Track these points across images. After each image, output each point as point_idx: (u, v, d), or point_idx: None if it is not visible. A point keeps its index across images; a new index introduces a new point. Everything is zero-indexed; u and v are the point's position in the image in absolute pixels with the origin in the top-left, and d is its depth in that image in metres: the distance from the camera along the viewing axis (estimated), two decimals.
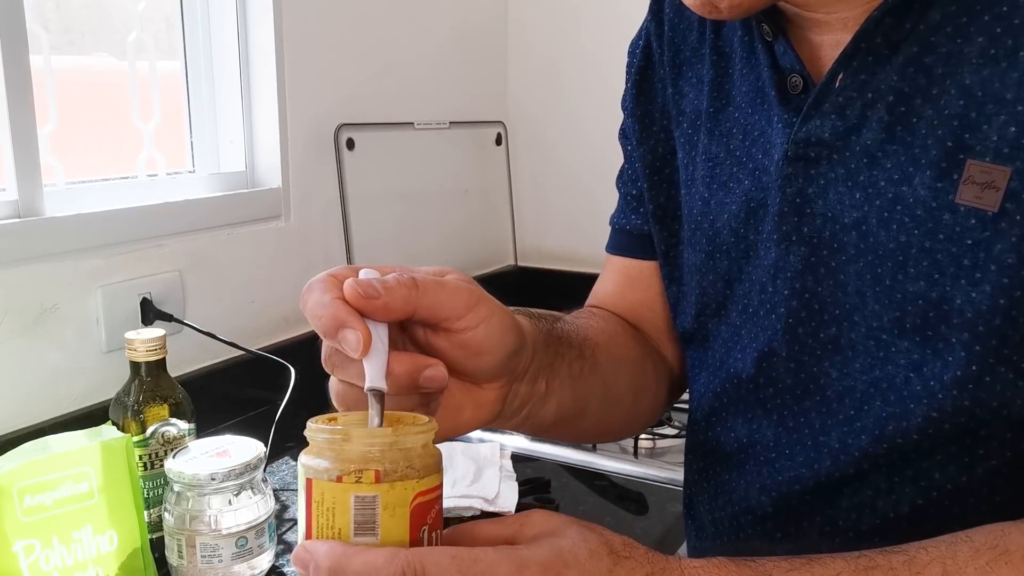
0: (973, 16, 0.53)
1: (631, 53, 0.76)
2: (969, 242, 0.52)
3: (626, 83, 0.76)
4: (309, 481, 0.44)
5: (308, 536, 0.44)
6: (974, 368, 0.53)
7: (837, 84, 0.58)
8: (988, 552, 0.48)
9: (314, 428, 0.45)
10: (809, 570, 0.48)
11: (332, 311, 0.46)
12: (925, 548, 0.49)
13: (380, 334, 0.47)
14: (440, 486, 0.45)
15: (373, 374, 0.47)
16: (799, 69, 0.60)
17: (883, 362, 0.57)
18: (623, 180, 0.79)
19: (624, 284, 0.79)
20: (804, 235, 0.60)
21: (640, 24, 0.76)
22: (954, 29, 0.54)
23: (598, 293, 0.81)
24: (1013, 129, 0.51)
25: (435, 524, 0.44)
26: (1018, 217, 0.51)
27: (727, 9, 0.56)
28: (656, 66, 0.74)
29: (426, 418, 0.47)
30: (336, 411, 0.51)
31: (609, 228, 0.81)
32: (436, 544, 0.44)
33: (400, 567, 0.41)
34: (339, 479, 0.42)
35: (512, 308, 0.58)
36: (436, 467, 0.45)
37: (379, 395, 0.47)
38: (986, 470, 0.56)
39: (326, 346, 0.49)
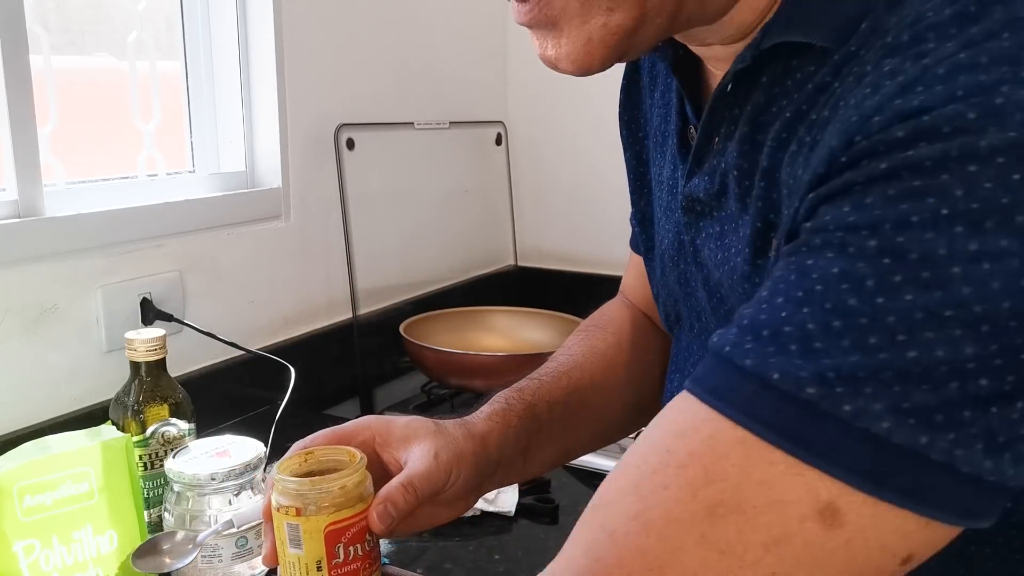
0: (772, 99, 0.52)
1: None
2: None
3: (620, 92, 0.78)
4: (269, 506, 0.63)
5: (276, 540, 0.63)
6: None
7: (715, 145, 0.57)
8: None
9: (274, 472, 0.62)
10: None
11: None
12: None
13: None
14: (358, 514, 0.61)
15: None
16: (695, 123, 0.60)
17: None
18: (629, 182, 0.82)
19: (637, 276, 0.86)
20: (701, 279, 0.63)
21: None
22: (767, 114, 0.52)
23: (624, 283, 0.90)
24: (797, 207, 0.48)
25: (352, 540, 0.61)
26: None
27: (568, 67, 0.54)
28: (642, 72, 0.75)
29: (358, 458, 0.63)
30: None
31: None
32: (353, 554, 0.61)
33: None
34: (279, 510, 0.61)
35: (492, 409, 0.72)
36: (353, 501, 0.61)
37: None
38: None
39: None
